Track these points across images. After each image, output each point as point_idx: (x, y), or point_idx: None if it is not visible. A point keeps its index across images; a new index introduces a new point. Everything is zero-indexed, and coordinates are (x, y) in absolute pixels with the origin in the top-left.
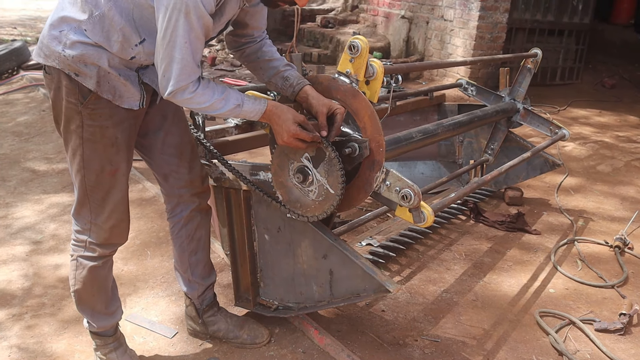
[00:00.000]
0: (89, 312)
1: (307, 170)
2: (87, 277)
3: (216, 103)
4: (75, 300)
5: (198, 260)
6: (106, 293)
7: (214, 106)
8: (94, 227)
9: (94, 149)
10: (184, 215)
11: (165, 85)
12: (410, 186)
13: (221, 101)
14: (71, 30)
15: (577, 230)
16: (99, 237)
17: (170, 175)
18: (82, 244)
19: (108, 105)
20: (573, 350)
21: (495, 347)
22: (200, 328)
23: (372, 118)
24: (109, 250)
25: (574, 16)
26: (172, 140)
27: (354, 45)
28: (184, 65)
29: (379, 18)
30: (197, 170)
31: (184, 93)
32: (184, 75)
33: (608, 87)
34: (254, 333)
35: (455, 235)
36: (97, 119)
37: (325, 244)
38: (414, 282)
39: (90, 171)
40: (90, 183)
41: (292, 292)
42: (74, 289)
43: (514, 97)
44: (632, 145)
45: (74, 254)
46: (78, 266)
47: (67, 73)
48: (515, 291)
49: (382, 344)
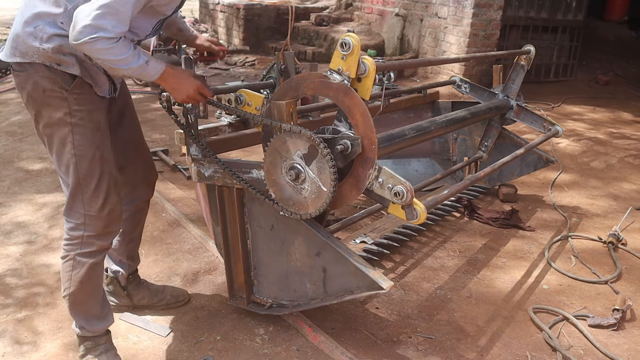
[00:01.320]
0: (83, 315)
1: (300, 167)
2: (84, 276)
3: (130, 58)
4: (69, 304)
5: (135, 245)
6: (100, 293)
7: (126, 60)
8: (89, 219)
9: (84, 134)
10: (135, 205)
11: (82, 19)
12: (402, 183)
13: (134, 57)
14: (47, 25)
15: (571, 227)
16: (96, 228)
17: (126, 167)
18: (77, 241)
19: (90, 91)
20: (567, 346)
21: (489, 343)
22: (125, 300)
23: (364, 115)
24: (107, 242)
25: (568, 13)
26: (129, 134)
27: (346, 43)
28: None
29: (373, 16)
30: (151, 163)
31: (102, 41)
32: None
33: (602, 83)
34: (175, 293)
35: (449, 232)
36: (83, 103)
37: (319, 241)
38: (408, 279)
39: (82, 158)
40: (82, 171)
41: (286, 289)
42: (69, 292)
43: (507, 94)
44: (625, 142)
45: (69, 253)
46: (75, 265)
47: (47, 65)
48: (509, 287)
49: (376, 341)
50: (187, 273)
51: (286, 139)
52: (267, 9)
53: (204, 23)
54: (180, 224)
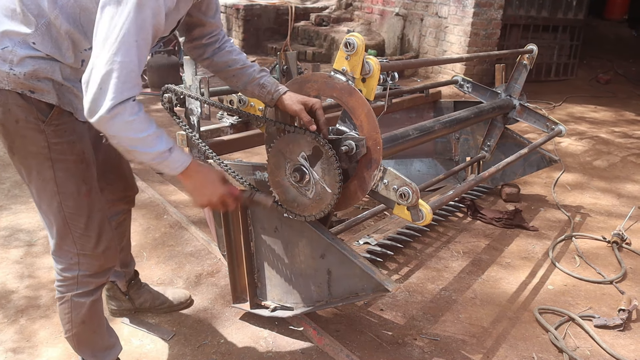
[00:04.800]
0: (90, 352)
1: (304, 169)
2: (85, 315)
3: (150, 138)
4: (74, 344)
5: (126, 253)
6: (104, 325)
7: (146, 141)
8: (83, 258)
9: (66, 169)
10: (115, 220)
11: (98, 102)
12: (408, 184)
13: (156, 138)
14: (17, 46)
15: (575, 226)
16: (92, 267)
17: (106, 188)
18: (72, 282)
19: (70, 119)
20: (573, 347)
21: (495, 344)
22: (127, 304)
23: (369, 116)
24: (105, 278)
25: (568, 12)
26: (108, 155)
27: (350, 43)
28: (129, 71)
29: (373, 16)
30: (130, 181)
31: (124, 113)
32: (128, 84)
33: (603, 82)
34: (177, 295)
35: (452, 233)
36: (63, 135)
37: (323, 243)
38: (412, 281)
39: (67, 196)
40: (69, 210)
41: (290, 292)
42: (72, 333)
43: (510, 93)
44: (628, 141)
45: (65, 295)
46: (74, 307)
47: (19, 92)
48: (514, 288)
49: (381, 344)
50: (189, 276)
51: (290, 140)
52: (266, 9)
53: None
54: (183, 227)
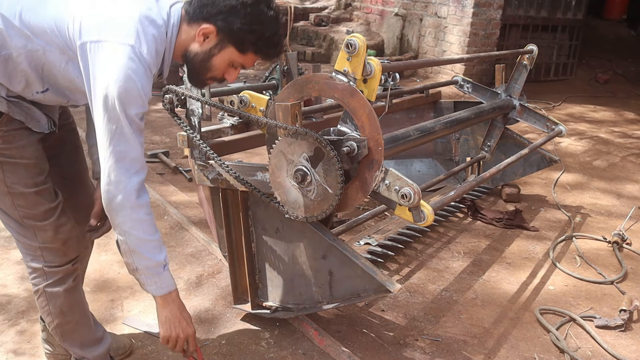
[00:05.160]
0: (78, 344)
1: (306, 170)
2: (64, 304)
3: (155, 243)
4: (59, 336)
5: None
6: (88, 315)
7: (151, 245)
8: (45, 250)
9: (15, 171)
10: None
11: (112, 192)
12: (410, 185)
13: (159, 246)
14: None
15: (575, 227)
16: (55, 259)
17: (69, 199)
18: (40, 272)
19: (21, 126)
20: (574, 348)
21: (496, 345)
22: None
23: (370, 117)
24: (71, 265)
25: (567, 12)
26: (69, 168)
27: (352, 44)
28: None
29: (372, 16)
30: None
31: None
32: (134, 168)
33: (602, 82)
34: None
35: (453, 233)
36: (12, 140)
37: (325, 244)
38: (413, 281)
39: (17, 195)
40: (22, 208)
41: (291, 293)
42: (55, 324)
43: (510, 93)
44: (627, 141)
45: (38, 287)
46: (49, 298)
47: None
48: (515, 288)
49: (382, 344)
50: (190, 277)
51: (292, 141)
52: None
53: None
54: (183, 227)
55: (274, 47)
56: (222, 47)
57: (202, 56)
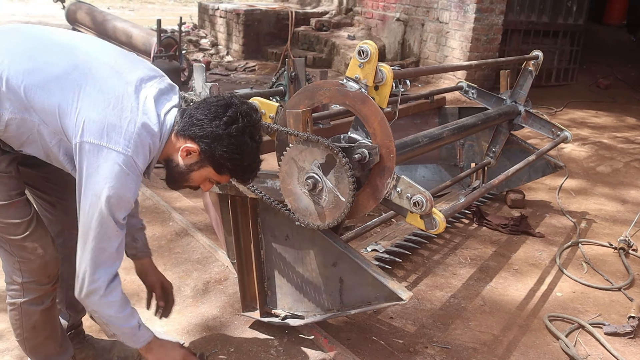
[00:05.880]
0: (42, 356)
1: (317, 177)
2: (38, 322)
3: (127, 317)
4: (26, 349)
5: None
6: (58, 330)
7: (123, 319)
8: (24, 265)
9: None
10: (69, 247)
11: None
12: (422, 192)
13: (131, 316)
14: None
15: (580, 233)
16: (33, 274)
17: (58, 203)
18: (18, 287)
19: None
20: (584, 355)
21: (506, 352)
22: None
23: (382, 124)
24: (50, 285)
25: (568, 17)
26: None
27: (364, 51)
28: (112, 252)
29: (373, 21)
30: None
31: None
32: (110, 261)
33: (603, 87)
34: (124, 354)
35: (459, 239)
36: None
37: (335, 251)
38: (421, 288)
39: None
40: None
41: (301, 300)
42: (22, 337)
43: (515, 99)
44: (630, 146)
45: (15, 301)
46: (24, 314)
47: None
48: (523, 295)
49: (392, 352)
50: (197, 283)
51: (303, 148)
52: (267, 14)
53: (203, 29)
54: (189, 233)
55: (249, 173)
56: (202, 165)
57: (183, 169)
